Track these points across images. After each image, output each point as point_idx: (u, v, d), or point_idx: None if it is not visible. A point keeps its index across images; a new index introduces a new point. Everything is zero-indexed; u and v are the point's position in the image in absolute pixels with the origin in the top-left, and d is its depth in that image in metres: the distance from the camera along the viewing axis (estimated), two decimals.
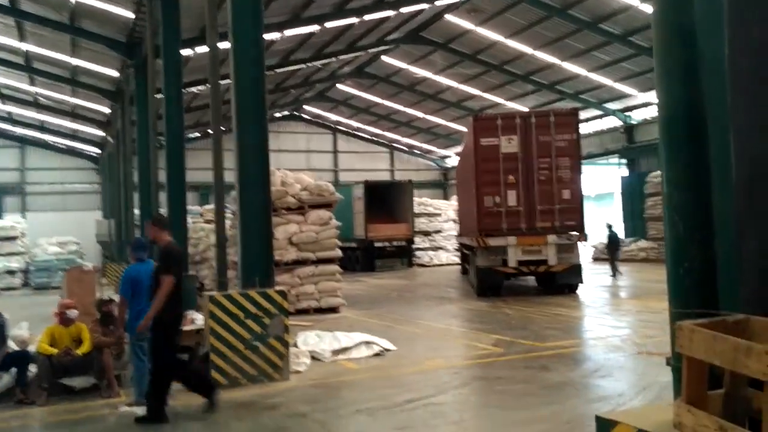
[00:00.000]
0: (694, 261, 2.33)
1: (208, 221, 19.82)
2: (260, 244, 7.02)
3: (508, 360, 7.76)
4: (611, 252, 20.21)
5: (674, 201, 2.40)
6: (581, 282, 14.79)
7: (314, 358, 8.06)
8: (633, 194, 28.98)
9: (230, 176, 7.42)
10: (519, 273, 14.69)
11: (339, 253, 13.46)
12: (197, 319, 7.76)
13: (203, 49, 17.71)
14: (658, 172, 25.91)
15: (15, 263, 29.24)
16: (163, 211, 13.31)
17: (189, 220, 22.85)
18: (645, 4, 21.99)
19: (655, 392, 5.87)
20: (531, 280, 16.78)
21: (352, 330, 10.14)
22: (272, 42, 22.52)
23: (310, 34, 23.18)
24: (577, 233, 14.32)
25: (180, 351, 6.67)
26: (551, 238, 14.10)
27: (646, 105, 30.26)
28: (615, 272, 19.17)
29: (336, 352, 8.16)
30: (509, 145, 14.34)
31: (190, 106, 25.95)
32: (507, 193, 14.32)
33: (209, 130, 23.89)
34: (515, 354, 8.07)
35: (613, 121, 32.29)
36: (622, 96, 30.18)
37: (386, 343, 8.62)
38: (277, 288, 7.15)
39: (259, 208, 6.98)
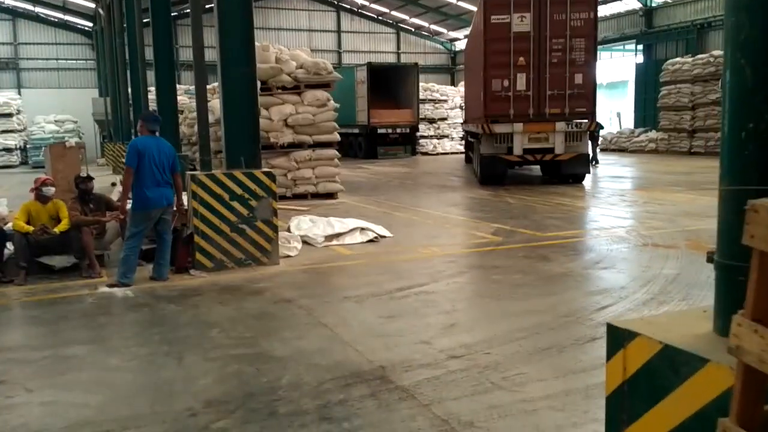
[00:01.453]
0: (762, 121, 1.67)
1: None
2: (245, 122, 6.50)
3: (506, 249, 7.46)
4: (592, 140, 19.76)
5: (742, 36, 1.70)
6: (588, 172, 14.37)
7: (306, 243, 7.79)
8: (647, 83, 27.88)
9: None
10: (524, 161, 14.26)
11: (337, 137, 12.92)
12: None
13: None
14: (677, 59, 24.72)
15: (12, 141, 28.82)
16: (152, 89, 12.67)
17: (186, 99, 22.17)
18: None
19: (659, 285, 5.58)
20: (536, 169, 16.39)
21: (348, 215, 9.84)
22: None
23: None
24: (588, 121, 13.69)
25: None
26: (560, 125, 13.50)
27: None
28: (595, 161, 19.01)
29: (329, 238, 7.87)
30: (521, 23, 13.39)
31: None
32: (516, 76, 13.56)
33: (206, 5, 22.62)
34: (514, 243, 7.76)
35: (632, 3, 30.44)
36: None
37: (381, 230, 8.32)
38: (265, 169, 6.71)
39: (243, 83, 6.39)
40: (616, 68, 38.86)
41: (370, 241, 7.99)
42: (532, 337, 4.33)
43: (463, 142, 24.76)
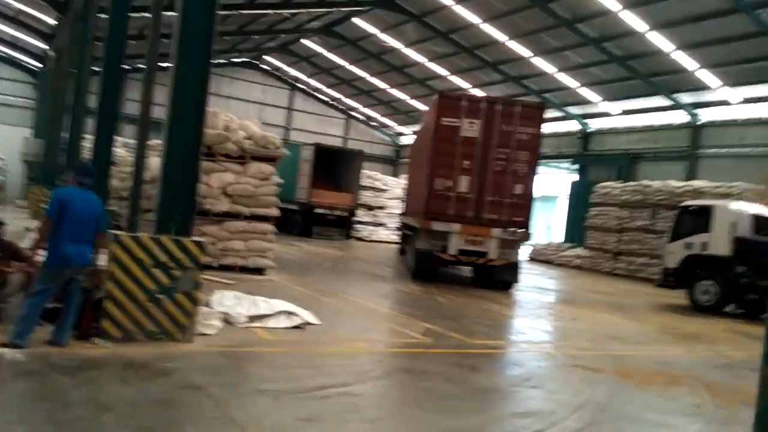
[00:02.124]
0: None
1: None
2: (184, 187, 6.15)
3: (436, 354, 7.19)
4: None
5: None
6: (517, 281, 14.46)
7: (227, 321, 7.30)
8: (579, 201, 29.06)
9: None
10: (458, 261, 14.30)
11: (276, 212, 12.60)
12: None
13: None
14: (608, 183, 26.01)
15: None
16: (90, 138, 12.12)
17: (123, 152, 21.47)
18: (625, 12, 21.72)
19: (590, 413, 5.40)
20: (465, 270, 16.44)
21: (275, 295, 9.38)
22: None
23: None
24: (522, 230, 13.94)
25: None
26: (496, 231, 13.67)
27: (606, 114, 30.31)
28: None
29: (252, 318, 7.41)
30: (470, 128, 13.74)
31: (142, 33, 24.24)
32: (460, 178, 13.77)
33: (161, 64, 22.36)
34: (444, 348, 7.52)
35: (571, 125, 32.28)
36: (584, 102, 30.13)
37: (309, 316, 7.93)
38: (195, 238, 6.31)
39: (187, 146, 6.10)
40: (550, 183, 40.67)
41: (296, 327, 7.57)
42: None
43: (399, 233, 24.80)
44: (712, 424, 5.53)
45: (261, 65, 41.36)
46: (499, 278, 14.31)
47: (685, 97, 26.00)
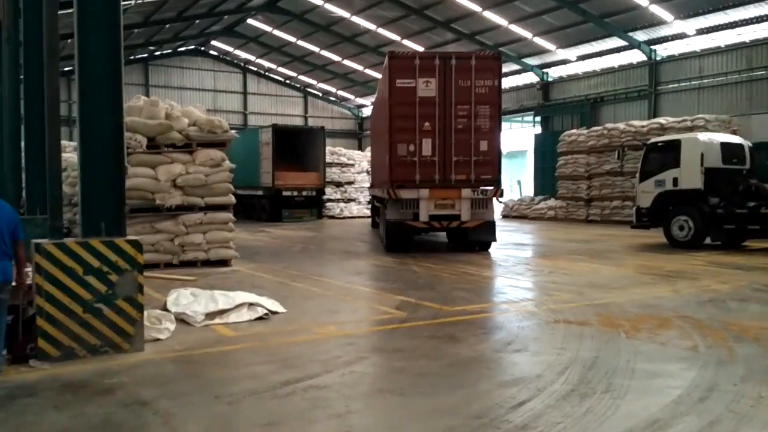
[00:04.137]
0: None
1: None
2: (108, 182, 5.52)
3: (411, 327, 6.74)
4: None
5: None
6: (494, 240, 14.07)
7: (184, 321, 6.75)
8: (545, 153, 28.86)
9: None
10: (430, 228, 13.84)
11: (232, 199, 11.97)
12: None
13: None
14: (572, 131, 25.73)
15: None
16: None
17: (70, 155, 20.52)
18: None
19: (578, 373, 5.00)
20: (442, 235, 16.03)
21: (240, 286, 8.88)
22: None
23: None
24: (493, 188, 13.48)
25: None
26: (466, 192, 13.21)
27: (564, 62, 29.93)
28: None
29: (211, 315, 6.86)
30: (427, 88, 13.17)
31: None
32: (422, 141, 13.23)
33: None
34: (420, 320, 7.07)
35: (530, 77, 31.88)
36: (541, 51, 29.72)
37: (273, 305, 7.41)
38: (130, 237, 5.71)
39: (105, 136, 5.45)
40: (516, 138, 40.40)
41: (260, 318, 7.05)
42: None
43: (370, 206, 24.32)
44: (709, 367, 5.17)
45: (209, 51, 40.14)
46: (475, 239, 13.92)
47: (641, 35, 25.71)
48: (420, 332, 6.48)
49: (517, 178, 39.75)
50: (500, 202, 21.53)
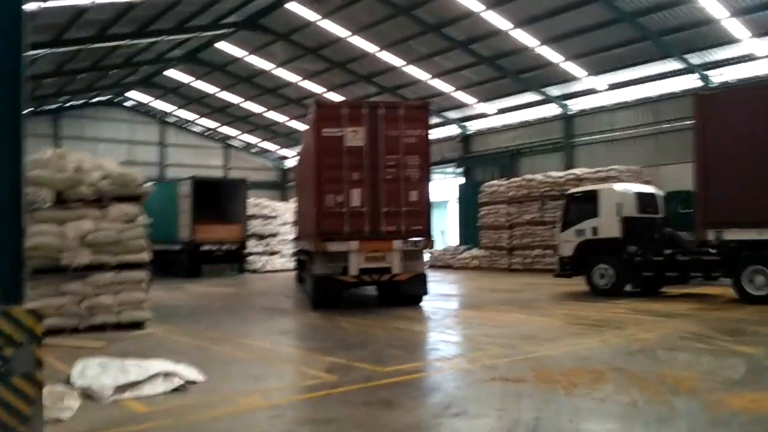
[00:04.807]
0: None
1: None
2: (3, 241, 4.92)
3: (343, 392, 6.32)
4: None
5: None
6: (426, 293, 13.67)
7: (90, 397, 6.06)
8: (468, 203, 29.33)
9: None
10: (361, 282, 13.19)
11: (146, 257, 11.23)
12: None
13: None
14: (493, 182, 26.34)
15: None
16: None
17: None
18: (489, 12, 22.04)
19: None
20: (370, 289, 15.64)
21: (155, 352, 8.20)
22: (83, 11, 19.42)
23: (130, 5, 20.34)
24: (424, 239, 13.15)
25: None
26: (396, 243, 12.79)
27: (483, 115, 30.87)
28: None
29: (121, 389, 6.20)
30: (355, 137, 12.82)
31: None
32: (350, 191, 12.77)
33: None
34: (352, 383, 6.66)
35: (451, 130, 32.64)
36: (460, 105, 30.56)
37: (191, 373, 6.80)
38: (29, 305, 5.07)
39: (3, 193, 4.88)
40: (438, 189, 41.05)
41: (176, 389, 6.43)
42: None
43: (295, 259, 23.63)
44: (651, 426, 5.04)
45: (125, 102, 38.93)
46: (407, 293, 13.43)
47: (555, 90, 26.91)
48: (353, 398, 6.08)
49: (441, 228, 40.22)
50: (430, 253, 21.31)
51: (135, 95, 37.70)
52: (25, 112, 5.11)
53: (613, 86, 25.06)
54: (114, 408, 5.85)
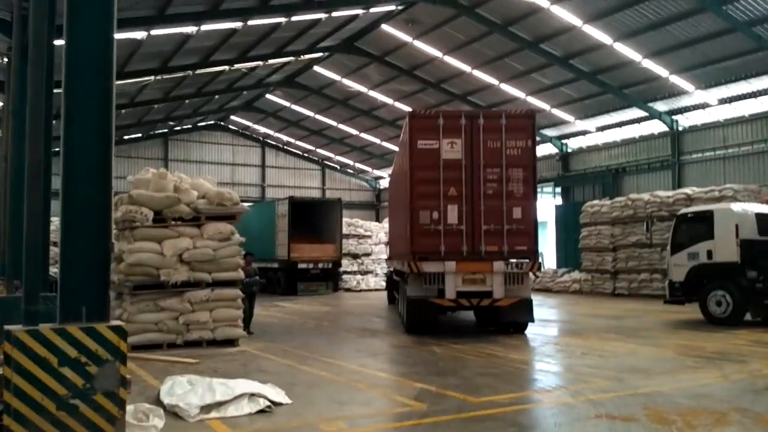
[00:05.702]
0: None
1: None
2: (91, 258, 4.95)
3: (432, 423, 5.93)
4: None
5: None
6: (531, 320, 12.47)
7: (177, 415, 6.02)
8: (567, 224, 28.13)
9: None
10: (458, 306, 12.27)
11: (241, 274, 11.38)
12: None
13: None
14: (595, 202, 25.08)
15: None
16: None
17: None
18: (587, 26, 21.18)
19: None
20: (468, 314, 14.93)
21: (245, 370, 8.18)
22: (188, 37, 20.37)
23: (232, 31, 21.13)
24: (529, 260, 12.01)
25: None
26: (498, 265, 11.77)
27: (583, 133, 29.67)
28: None
29: (206, 408, 6.13)
30: (452, 150, 11.98)
31: None
32: (447, 208, 11.89)
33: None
34: (442, 414, 6.26)
35: (548, 148, 31.59)
36: (559, 122, 29.54)
37: (277, 395, 6.66)
38: (114, 322, 5.08)
39: (89, 205, 4.91)
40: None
41: (261, 411, 6.29)
42: None
43: (386, 279, 23.37)
44: None
45: (228, 125, 40.67)
46: (509, 320, 12.39)
47: (661, 105, 25.44)
48: (443, 430, 5.68)
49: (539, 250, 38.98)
50: (537, 276, 19.57)
51: (237, 119, 39.28)
52: (113, 140, 5.16)
53: (726, 100, 23.32)
54: (199, 428, 5.77)
